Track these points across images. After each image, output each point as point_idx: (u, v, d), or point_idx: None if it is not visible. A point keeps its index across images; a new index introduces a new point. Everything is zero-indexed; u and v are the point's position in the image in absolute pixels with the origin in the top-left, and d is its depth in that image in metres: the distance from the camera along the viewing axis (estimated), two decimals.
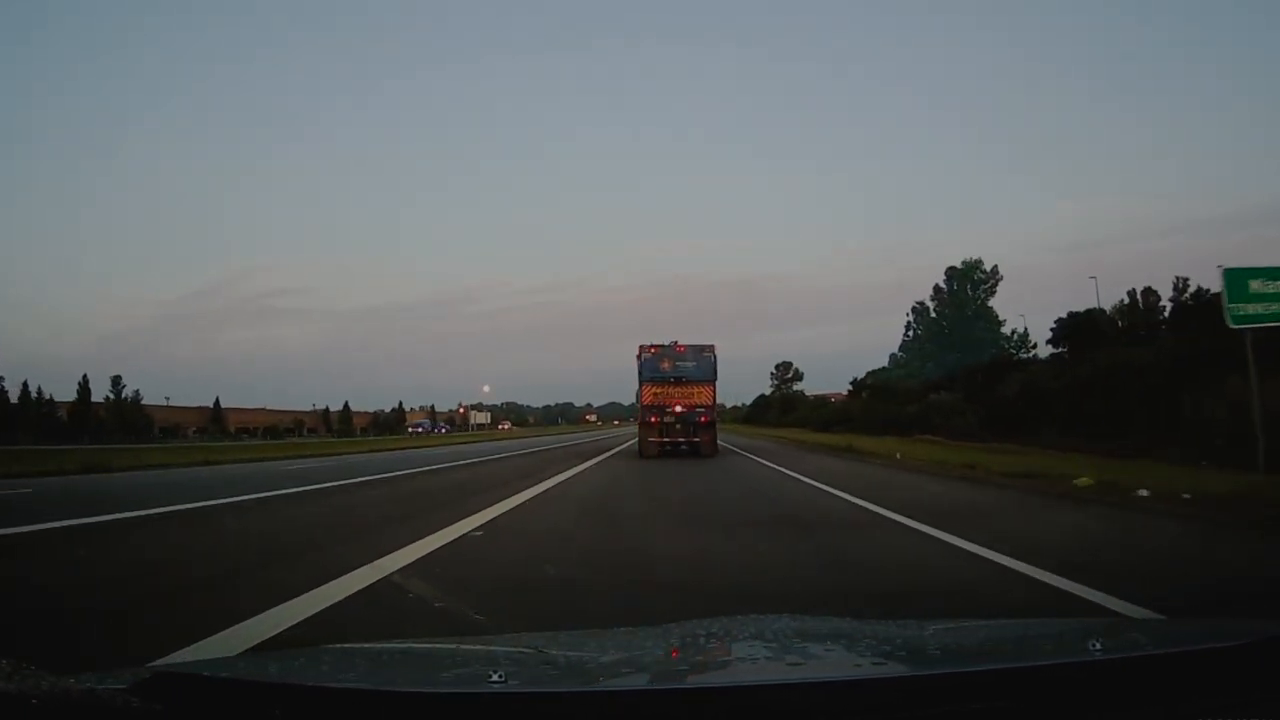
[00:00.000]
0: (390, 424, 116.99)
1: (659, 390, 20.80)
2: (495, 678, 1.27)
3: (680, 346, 21.20)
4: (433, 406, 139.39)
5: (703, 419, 20.87)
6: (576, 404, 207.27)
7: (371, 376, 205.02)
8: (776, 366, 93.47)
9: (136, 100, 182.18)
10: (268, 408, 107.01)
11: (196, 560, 5.62)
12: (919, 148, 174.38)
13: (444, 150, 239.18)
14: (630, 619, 3.16)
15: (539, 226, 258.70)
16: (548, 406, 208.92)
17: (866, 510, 8.28)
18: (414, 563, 5.05)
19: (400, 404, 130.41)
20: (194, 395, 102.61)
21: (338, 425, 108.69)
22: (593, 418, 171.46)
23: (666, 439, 20.72)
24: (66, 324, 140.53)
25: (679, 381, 20.78)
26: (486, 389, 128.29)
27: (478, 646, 2.01)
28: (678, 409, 20.70)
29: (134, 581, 4.76)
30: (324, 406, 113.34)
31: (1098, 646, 1.41)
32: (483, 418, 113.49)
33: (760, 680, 1.43)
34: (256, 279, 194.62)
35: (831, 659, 1.67)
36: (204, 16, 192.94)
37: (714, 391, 21.18)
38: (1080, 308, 35.87)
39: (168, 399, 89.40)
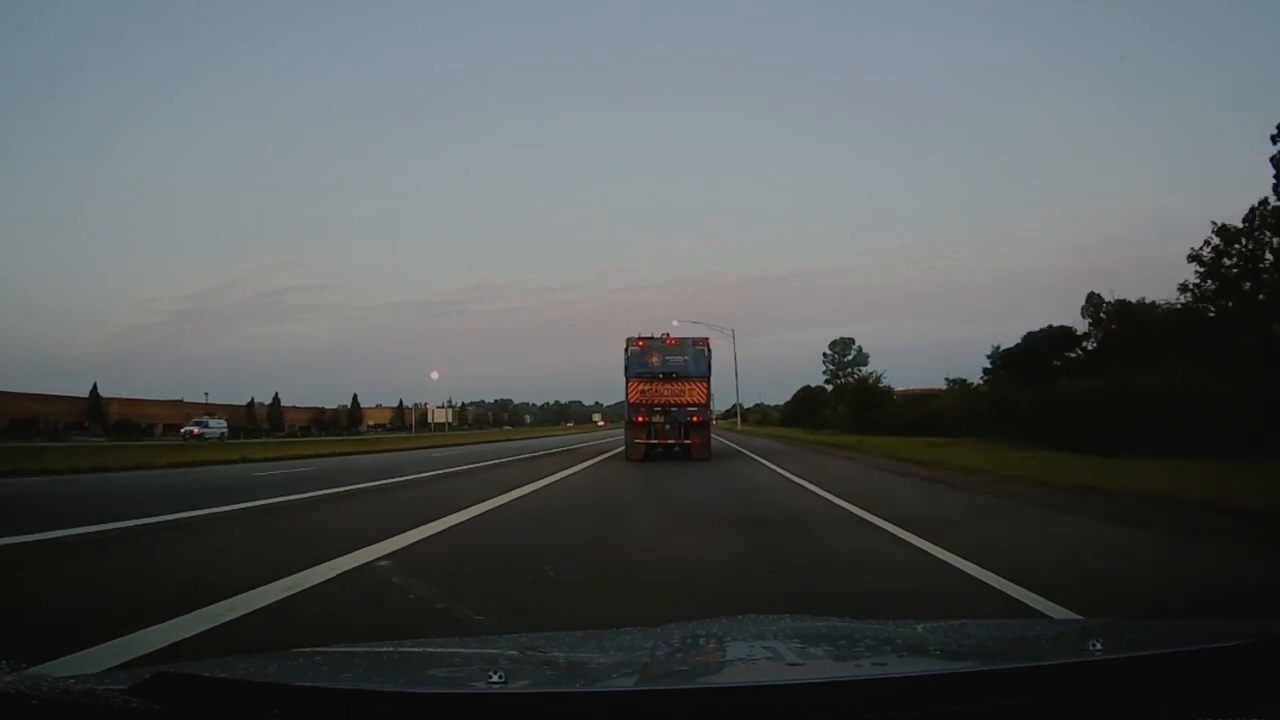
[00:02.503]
0: (327, 422, 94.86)
1: (646, 387, 18.73)
2: (495, 678, 1.23)
3: (670, 339, 19.17)
4: (401, 402, 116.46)
5: (694, 419, 18.86)
6: (586, 402, 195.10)
7: (379, 373, 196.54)
8: (831, 346, 69.16)
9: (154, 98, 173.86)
10: (185, 400, 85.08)
11: None
12: (937, 149, 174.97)
13: (458, 149, 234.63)
14: None
15: (553, 226, 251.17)
16: (547, 405, 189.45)
17: None
18: None
19: (355, 398, 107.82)
20: (212, 393, 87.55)
21: (265, 422, 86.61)
22: (598, 417, 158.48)
23: (654, 440, 18.76)
24: (77, 323, 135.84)
25: (669, 378, 18.72)
26: (435, 375, 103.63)
27: (477, 647, 2.03)
28: (667, 408, 18.65)
29: None
30: (249, 399, 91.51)
31: (1098, 646, 1.42)
32: (441, 415, 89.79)
33: (760, 680, 1.42)
34: (267, 277, 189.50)
35: (832, 659, 1.66)
36: (217, 12, 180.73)
37: (708, 389, 19.10)
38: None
39: None
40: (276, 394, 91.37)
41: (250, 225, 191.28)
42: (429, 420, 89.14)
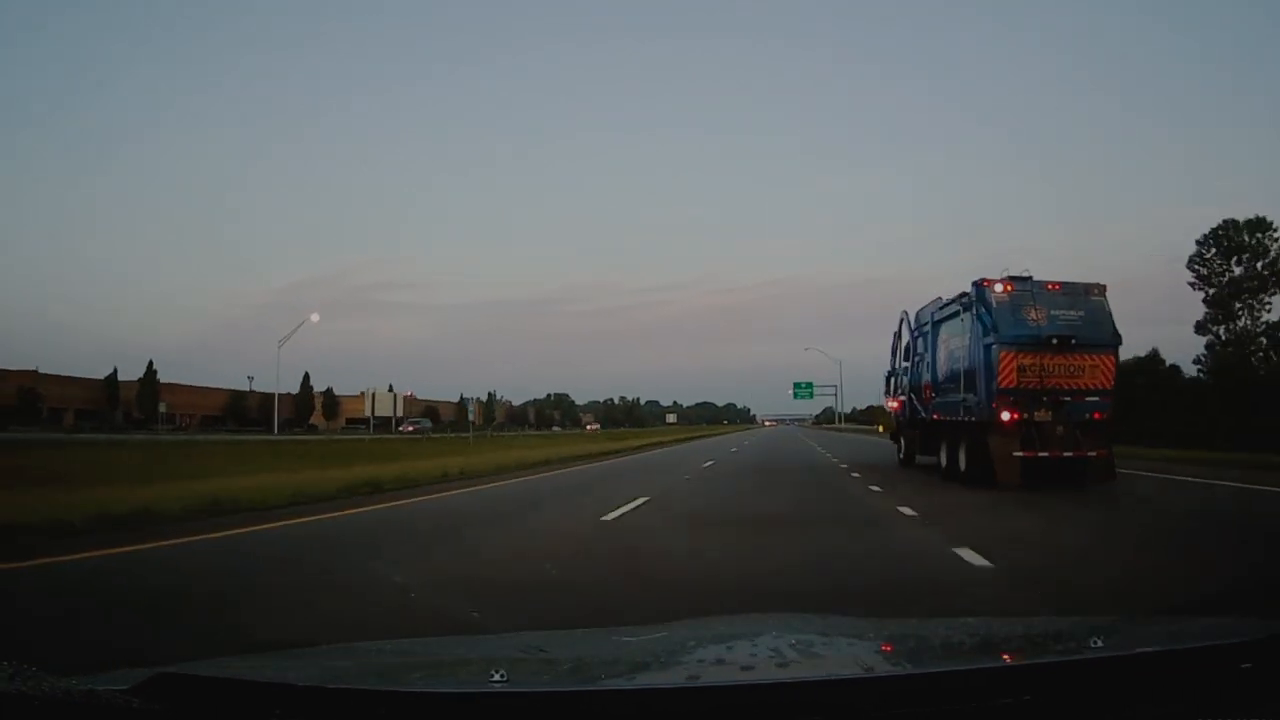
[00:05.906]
0: (250, 413, 63.57)
1: (1030, 361, 10.89)
2: (497, 677, 1.22)
3: (1053, 284, 11.39)
4: (390, 386, 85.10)
5: (1095, 415, 11.13)
6: (663, 401, 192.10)
7: (469, 371, 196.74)
8: (1200, 242, 30.79)
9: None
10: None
11: None
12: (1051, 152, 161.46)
13: (558, 153, 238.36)
14: None
15: (654, 228, 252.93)
16: (609, 401, 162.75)
17: None
18: None
19: (306, 376, 76.47)
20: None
21: (134, 408, 56.22)
22: (672, 419, 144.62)
23: (1044, 452, 10.74)
24: (177, 314, 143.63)
25: (1062, 347, 10.91)
26: (315, 317, 70.42)
27: (479, 646, 2.00)
28: (1058, 396, 10.91)
29: None
30: (112, 368, 61.53)
31: (1099, 644, 1.42)
32: (385, 405, 55.94)
33: (760, 679, 1.40)
34: (362, 273, 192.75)
35: (832, 657, 1.65)
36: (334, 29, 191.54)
37: (1115, 366, 11.35)
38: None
39: None
40: (151, 362, 60.97)
41: (354, 224, 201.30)
42: (369, 414, 55.88)
